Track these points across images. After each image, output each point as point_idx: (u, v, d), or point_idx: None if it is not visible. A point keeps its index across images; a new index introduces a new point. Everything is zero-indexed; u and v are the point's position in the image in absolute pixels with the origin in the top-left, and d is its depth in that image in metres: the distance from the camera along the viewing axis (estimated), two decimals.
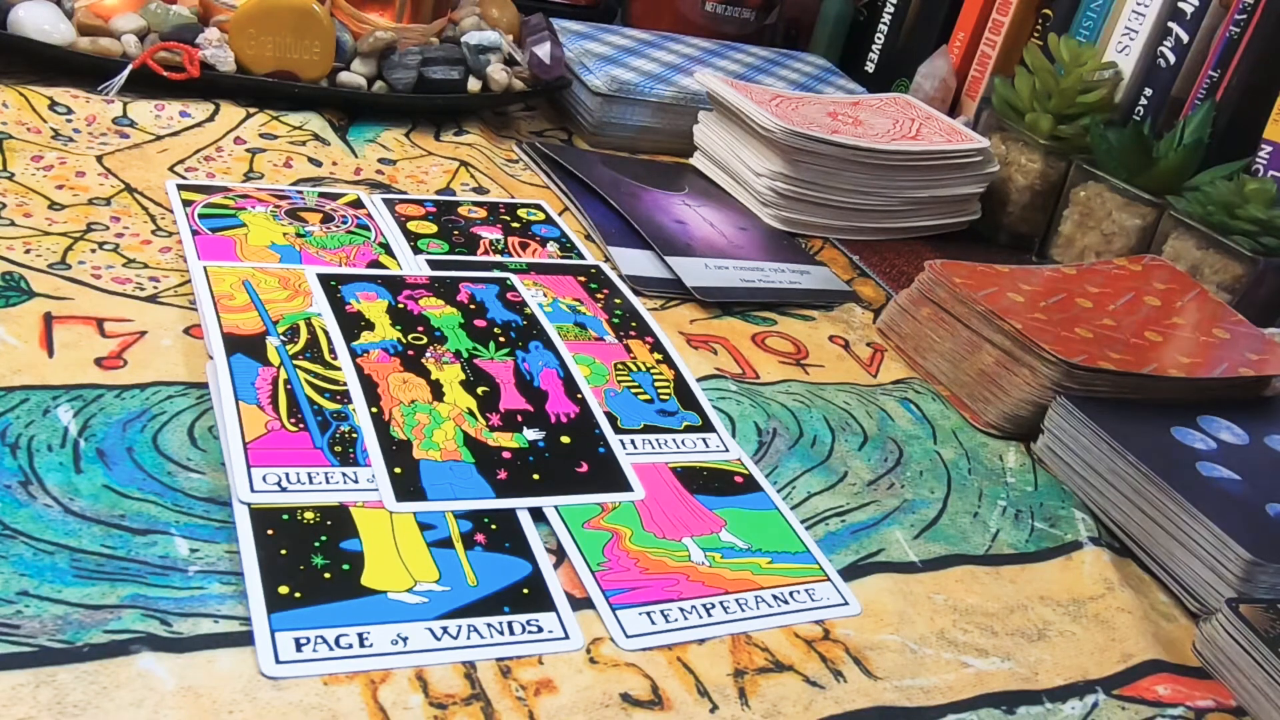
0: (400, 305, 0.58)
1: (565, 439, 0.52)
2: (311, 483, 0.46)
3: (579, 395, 0.55)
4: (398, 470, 0.48)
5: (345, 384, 0.52)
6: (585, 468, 0.51)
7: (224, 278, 0.57)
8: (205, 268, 0.58)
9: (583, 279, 0.67)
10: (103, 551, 0.41)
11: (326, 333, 0.55)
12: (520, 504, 0.48)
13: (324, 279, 0.59)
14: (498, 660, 0.41)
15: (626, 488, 0.51)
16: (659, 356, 0.61)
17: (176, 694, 0.36)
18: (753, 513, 0.52)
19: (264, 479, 0.45)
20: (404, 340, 0.55)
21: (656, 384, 0.58)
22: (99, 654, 0.37)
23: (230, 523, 0.43)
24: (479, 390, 0.53)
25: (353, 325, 0.56)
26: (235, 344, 0.52)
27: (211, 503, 0.44)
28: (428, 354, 0.55)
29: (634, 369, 0.59)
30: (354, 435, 0.49)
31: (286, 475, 0.46)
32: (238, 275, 0.58)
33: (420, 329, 0.57)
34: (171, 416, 0.49)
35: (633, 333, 0.62)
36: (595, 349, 0.60)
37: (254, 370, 0.51)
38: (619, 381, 0.58)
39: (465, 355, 0.55)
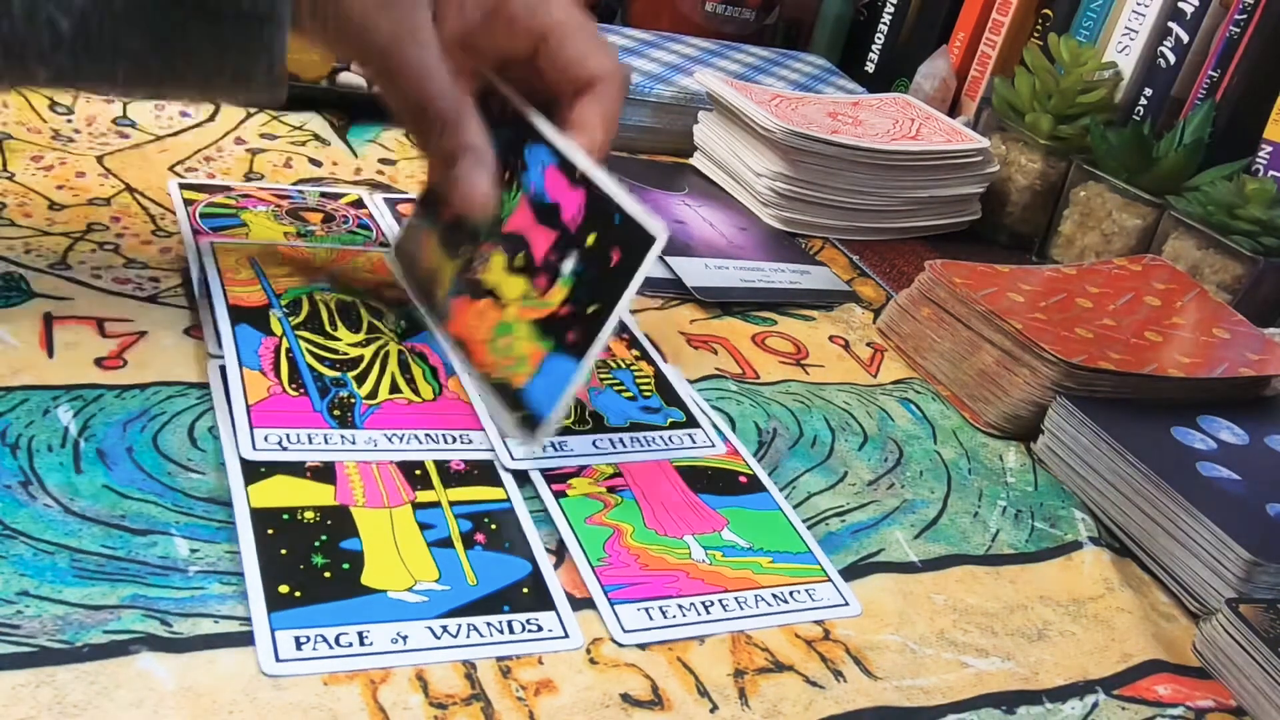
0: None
1: (590, 239, 0.50)
2: (311, 443, 0.47)
3: (577, 174, 0.51)
4: (521, 414, 0.49)
5: (345, 354, 0.53)
6: (617, 256, 0.48)
7: (230, 254, 0.59)
8: (213, 244, 0.59)
9: None
10: (103, 552, 0.41)
11: (327, 305, 0.56)
12: (596, 349, 0.47)
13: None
14: (498, 660, 0.41)
15: (649, 239, 0.47)
16: (636, 353, 0.61)
17: (176, 694, 0.36)
18: (755, 512, 0.52)
19: (265, 438, 0.47)
20: (460, 263, 0.55)
21: (638, 380, 0.58)
22: (99, 654, 0.37)
23: (230, 523, 0.43)
24: (518, 262, 0.52)
25: (429, 289, 0.56)
26: (240, 315, 0.53)
27: (211, 503, 0.44)
28: (474, 262, 0.54)
29: (614, 366, 0.59)
30: (351, 401, 0.50)
31: (287, 436, 0.47)
32: (244, 252, 0.60)
33: (465, 236, 0.54)
34: (171, 416, 0.49)
35: None
36: None
37: (257, 339, 0.52)
38: (601, 380, 0.57)
39: (497, 232, 0.53)
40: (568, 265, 0.50)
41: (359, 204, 0.70)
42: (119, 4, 0.43)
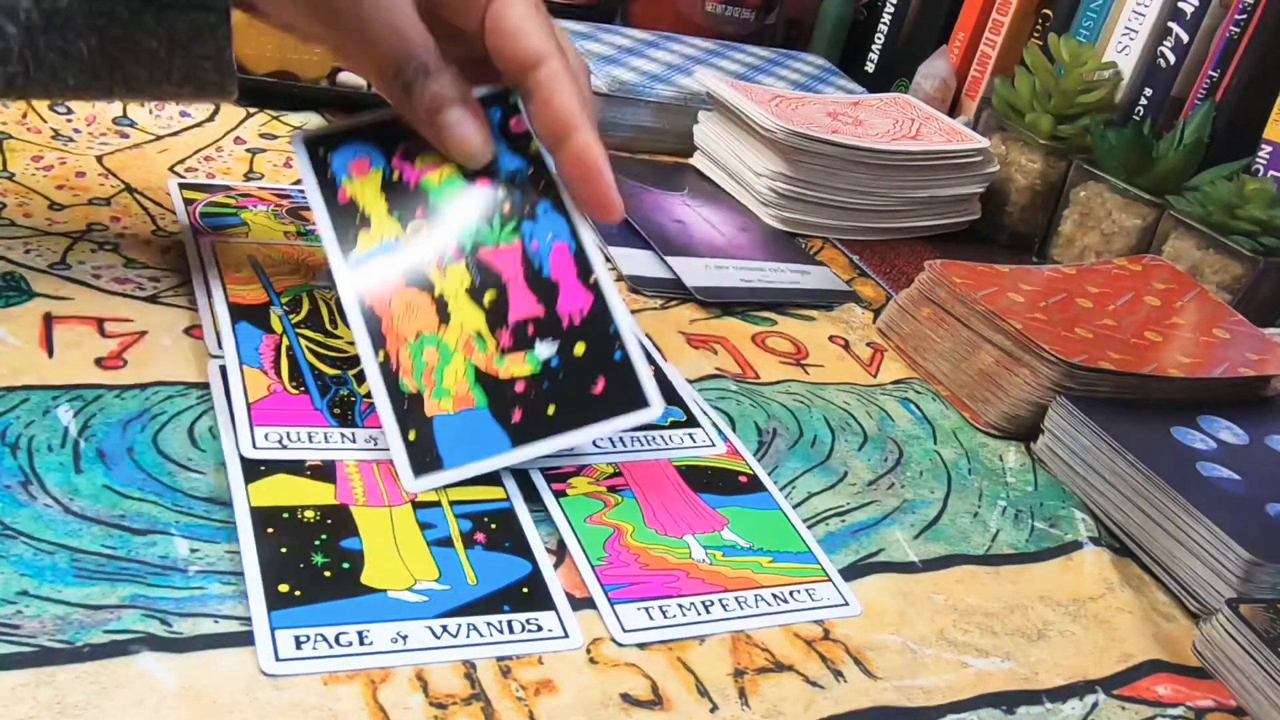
0: (395, 174, 0.50)
1: (579, 348, 0.48)
2: (311, 441, 0.47)
3: (592, 278, 0.50)
4: (411, 436, 0.46)
5: (345, 351, 0.53)
6: (601, 384, 0.48)
7: (230, 252, 0.59)
8: (213, 243, 0.60)
9: None
10: (103, 552, 0.41)
11: (327, 303, 0.56)
12: (536, 451, 0.47)
13: (311, 144, 0.51)
14: (497, 660, 0.41)
15: (644, 404, 0.48)
16: None
17: (177, 694, 0.36)
18: (755, 512, 0.52)
19: (265, 436, 0.47)
20: (405, 235, 0.49)
21: None
22: (99, 654, 0.37)
23: (230, 523, 0.43)
24: (486, 299, 0.48)
25: (348, 225, 0.49)
26: (240, 312, 0.53)
27: (211, 503, 0.44)
28: (426, 250, 0.49)
29: None
30: (352, 399, 0.50)
31: (287, 434, 0.47)
32: (244, 251, 0.60)
33: (419, 211, 0.50)
34: (171, 417, 0.48)
35: None
36: None
37: (258, 337, 0.52)
38: None
39: (469, 249, 0.49)
40: (543, 351, 0.48)
41: None
42: (63, 4, 0.44)
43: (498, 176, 0.50)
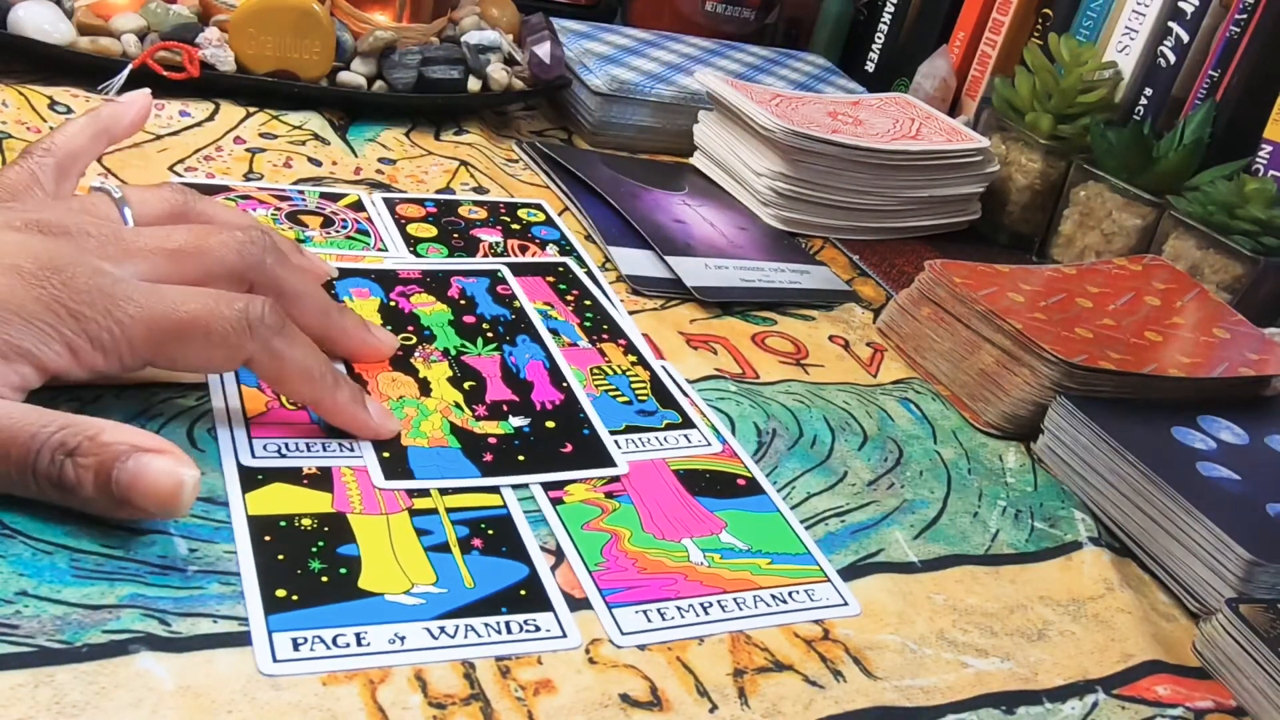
0: (392, 303, 0.59)
1: (550, 424, 0.53)
2: (309, 450, 0.47)
3: (564, 384, 0.56)
4: (385, 454, 0.48)
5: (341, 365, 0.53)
6: (570, 448, 0.52)
7: None
8: None
9: (551, 279, 0.66)
10: (102, 551, 0.41)
11: None
12: (505, 482, 0.49)
13: None
14: (496, 659, 0.41)
15: (610, 463, 0.52)
16: (633, 359, 0.61)
17: (175, 694, 0.36)
18: (754, 514, 0.52)
19: (264, 447, 0.47)
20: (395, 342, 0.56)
21: (633, 385, 0.58)
22: (98, 654, 0.37)
23: (229, 523, 0.43)
24: (466, 385, 0.54)
25: None
26: None
27: (210, 503, 0.44)
28: (416, 354, 0.55)
29: (610, 372, 0.59)
30: None
31: (286, 444, 0.47)
32: None
33: (410, 329, 0.57)
34: (171, 417, 0.48)
35: (605, 336, 0.62)
36: (570, 355, 0.59)
37: None
38: (596, 386, 0.57)
39: (453, 353, 0.56)
40: (516, 421, 0.53)
41: (358, 206, 0.70)
42: None
43: (484, 318, 0.60)
